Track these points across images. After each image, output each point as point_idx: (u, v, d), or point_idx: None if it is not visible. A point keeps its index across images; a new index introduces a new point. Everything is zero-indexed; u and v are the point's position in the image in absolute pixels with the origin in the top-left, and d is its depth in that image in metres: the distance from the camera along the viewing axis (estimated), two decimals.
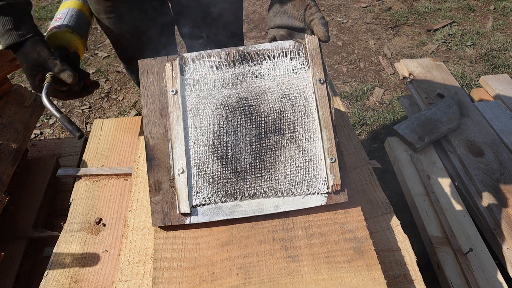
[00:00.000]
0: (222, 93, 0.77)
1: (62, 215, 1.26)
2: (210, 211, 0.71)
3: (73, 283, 0.76)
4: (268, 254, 0.68)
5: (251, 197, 0.72)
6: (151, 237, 0.77)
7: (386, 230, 0.79)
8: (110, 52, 2.78)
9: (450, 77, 1.74)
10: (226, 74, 0.78)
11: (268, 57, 0.78)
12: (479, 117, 1.54)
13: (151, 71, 0.79)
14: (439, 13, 3.01)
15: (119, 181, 0.95)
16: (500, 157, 1.38)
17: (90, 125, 2.22)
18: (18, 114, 1.20)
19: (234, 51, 0.78)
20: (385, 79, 2.49)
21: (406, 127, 1.47)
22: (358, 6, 3.15)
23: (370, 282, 0.64)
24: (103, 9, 1.08)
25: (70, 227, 0.86)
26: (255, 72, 0.78)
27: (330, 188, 0.72)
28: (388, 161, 1.86)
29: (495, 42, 2.70)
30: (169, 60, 0.78)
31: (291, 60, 0.78)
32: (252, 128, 0.75)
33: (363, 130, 2.17)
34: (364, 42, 2.79)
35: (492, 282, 1.07)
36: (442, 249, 1.15)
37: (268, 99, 0.76)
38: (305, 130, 0.75)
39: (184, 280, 0.66)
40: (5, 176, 1.05)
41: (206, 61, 0.78)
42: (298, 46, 0.78)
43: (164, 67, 0.78)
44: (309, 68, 0.77)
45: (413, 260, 0.74)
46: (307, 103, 0.76)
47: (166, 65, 0.78)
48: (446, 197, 1.29)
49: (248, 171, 0.73)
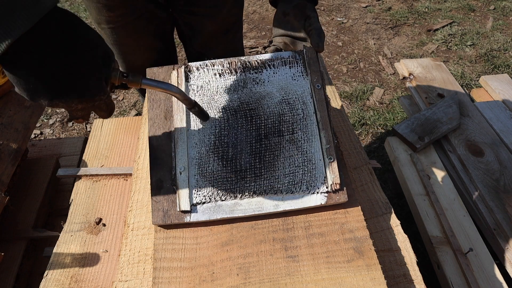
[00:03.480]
0: (224, 98, 0.80)
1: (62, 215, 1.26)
2: (210, 209, 0.72)
3: (73, 283, 0.76)
4: (268, 254, 0.68)
5: (251, 196, 0.72)
6: (151, 237, 0.77)
7: (386, 230, 0.79)
8: None
9: (450, 77, 1.75)
10: (228, 81, 0.82)
11: (268, 65, 0.83)
12: (479, 117, 1.54)
13: (158, 78, 0.83)
14: (439, 13, 3.01)
15: (119, 181, 0.95)
16: (500, 157, 1.38)
17: (90, 125, 2.22)
18: (18, 114, 1.20)
19: (236, 60, 0.83)
20: (385, 79, 2.49)
21: (406, 127, 1.47)
22: (358, 6, 3.15)
23: (370, 282, 0.64)
24: (105, 19, 1.08)
25: (70, 227, 0.86)
26: (255, 79, 0.82)
27: (329, 187, 0.72)
28: (388, 161, 1.86)
29: (495, 42, 2.70)
30: (175, 68, 0.83)
31: (290, 68, 0.82)
32: (252, 130, 0.77)
33: (363, 130, 2.17)
34: (364, 42, 2.79)
35: (492, 282, 1.07)
36: (442, 249, 1.15)
37: (268, 103, 0.79)
38: (304, 132, 0.76)
39: (184, 280, 0.66)
40: (5, 176, 1.05)
41: (209, 69, 0.83)
42: (296, 56, 0.83)
43: (170, 74, 0.83)
44: (307, 75, 0.81)
45: (413, 260, 0.74)
46: (305, 107, 0.79)
47: (172, 72, 0.83)
48: (446, 197, 1.29)
49: (248, 170, 0.74)
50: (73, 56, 0.50)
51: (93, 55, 0.52)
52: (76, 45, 0.50)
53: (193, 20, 1.19)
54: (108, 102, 0.59)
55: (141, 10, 1.09)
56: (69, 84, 0.50)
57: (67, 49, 0.49)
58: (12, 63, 0.47)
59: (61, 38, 0.48)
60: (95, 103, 0.55)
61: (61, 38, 0.48)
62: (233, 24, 1.25)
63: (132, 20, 1.10)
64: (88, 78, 0.52)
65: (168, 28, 1.25)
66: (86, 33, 0.52)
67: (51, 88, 0.49)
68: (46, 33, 0.46)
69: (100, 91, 0.54)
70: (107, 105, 0.59)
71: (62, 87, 0.50)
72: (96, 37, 0.54)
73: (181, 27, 1.24)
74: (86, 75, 0.52)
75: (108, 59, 0.57)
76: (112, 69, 0.58)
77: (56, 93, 0.50)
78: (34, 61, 0.47)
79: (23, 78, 0.48)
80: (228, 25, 1.23)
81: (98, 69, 0.53)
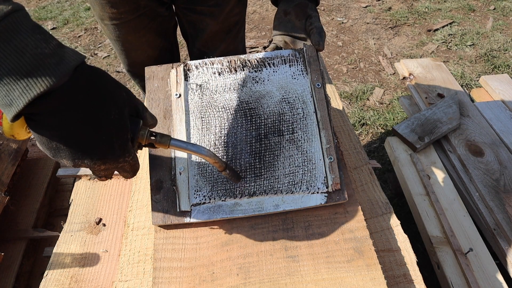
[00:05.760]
0: (223, 97, 0.80)
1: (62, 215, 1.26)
2: (210, 209, 0.72)
3: (73, 283, 0.76)
4: (268, 254, 0.68)
5: (251, 196, 0.72)
6: (151, 237, 0.77)
7: (386, 230, 0.79)
8: (110, 52, 2.79)
9: (450, 77, 1.74)
10: (228, 80, 0.81)
11: (268, 64, 0.82)
12: (479, 117, 1.54)
13: (157, 77, 0.83)
14: (439, 13, 3.01)
15: (119, 181, 0.95)
16: (500, 157, 1.38)
17: None
18: None
19: (236, 59, 0.82)
20: (385, 79, 2.49)
21: (406, 127, 1.47)
22: (358, 6, 3.15)
23: (370, 282, 0.64)
24: (108, 16, 1.08)
25: (70, 227, 0.86)
26: (255, 78, 0.81)
27: (329, 187, 0.72)
28: (388, 161, 1.86)
29: (495, 42, 2.70)
30: (174, 67, 0.82)
31: (290, 67, 0.82)
32: (252, 130, 0.77)
33: (363, 130, 2.17)
34: (364, 42, 2.79)
35: (492, 282, 1.07)
36: (442, 249, 1.15)
37: (267, 103, 0.79)
38: (304, 131, 0.76)
39: (184, 280, 0.66)
40: (5, 176, 1.05)
41: (209, 68, 0.82)
42: (296, 54, 0.82)
43: (169, 73, 0.82)
44: (307, 74, 0.81)
45: (413, 260, 0.74)
46: (305, 106, 0.78)
47: (171, 71, 0.82)
48: (446, 197, 1.29)
49: (248, 170, 0.74)
50: (98, 117, 0.47)
51: (121, 115, 0.50)
52: (103, 105, 0.48)
53: (195, 19, 1.19)
54: (133, 163, 0.55)
55: (144, 7, 1.09)
56: (92, 147, 0.48)
57: (92, 109, 0.47)
58: (36, 122, 0.46)
59: (86, 98, 0.47)
60: (119, 164, 0.53)
61: (86, 97, 0.47)
62: (235, 23, 1.25)
63: (135, 17, 1.10)
64: (113, 140, 0.49)
65: (171, 26, 1.25)
66: (114, 90, 0.50)
67: (73, 149, 0.48)
68: (69, 93, 0.45)
69: (125, 153, 0.52)
70: (131, 166, 0.55)
71: (85, 150, 0.48)
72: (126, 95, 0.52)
73: (184, 26, 1.25)
74: (111, 137, 0.49)
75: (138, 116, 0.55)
76: (140, 128, 0.55)
77: (78, 155, 0.48)
78: (57, 122, 0.45)
79: (46, 138, 0.47)
80: (231, 25, 1.24)
81: (125, 130, 0.51)
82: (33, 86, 0.42)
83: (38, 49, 0.42)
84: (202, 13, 1.16)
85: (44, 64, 0.42)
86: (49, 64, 0.43)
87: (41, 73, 0.42)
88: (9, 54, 0.41)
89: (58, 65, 0.43)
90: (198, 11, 1.16)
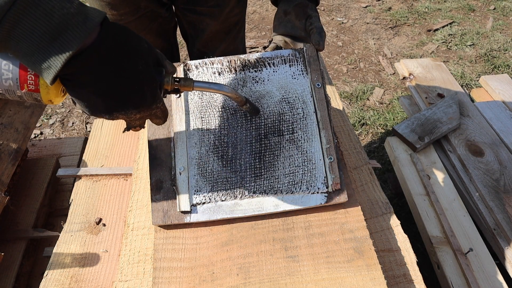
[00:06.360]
0: (223, 97, 0.79)
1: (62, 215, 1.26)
2: (210, 209, 0.72)
3: (73, 283, 0.76)
4: (268, 254, 0.68)
5: (251, 196, 0.72)
6: (151, 237, 0.77)
7: (386, 230, 0.79)
8: None
9: (450, 77, 1.75)
10: (228, 80, 0.81)
11: (268, 64, 0.82)
12: (479, 117, 1.54)
13: None
14: (439, 13, 3.01)
15: (119, 181, 0.95)
16: (500, 157, 1.38)
17: (90, 125, 2.22)
18: (18, 114, 1.20)
19: (236, 58, 0.82)
20: (385, 79, 2.49)
21: (406, 127, 1.47)
22: (358, 6, 3.15)
23: (370, 282, 0.64)
24: (109, 18, 1.08)
25: (70, 227, 0.86)
26: (255, 78, 0.81)
27: (329, 187, 0.72)
28: (388, 161, 1.86)
29: (495, 42, 2.70)
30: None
31: (290, 67, 0.81)
32: (252, 130, 0.77)
33: (363, 130, 2.17)
34: (364, 42, 2.79)
35: (492, 282, 1.07)
36: (442, 249, 1.15)
37: (267, 102, 0.79)
38: (304, 131, 0.76)
39: (184, 280, 0.66)
40: (5, 176, 1.05)
41: (209, 68, 0.82)
42: (296, 54, 0.82)
43: None
44: (307, 74, 0.80)
45: (413, 260, 0.74)
46: (305, 106, 0.78)
47: None
48: (446, 197, 1.29)
49: (248, 170, 0.74)
50: (128, 69, 0.50)
51: (147, 65, 0.53)
52: (130, 58, 0.50)
53: (195, 19, 1.19)
54: (163, 109, 0.59)
55: (144, 9, 1.09)
56: (126, 97, 0.51)
57: (121, 62, 0.49)
58: (72, 82, 0.48)
59: (115, 53, 0.49)
60: (152, 111, 0.56)
61: (115, 52, 0.49)
62: (235, 24, 1.25)
63: (135, 19, 1.10)
64: (144, 89, 0.53)
65: (171, 27, 1.25)
66: (137, 43, 0.52)
67: (110, 103, 0.51)
68: (100, 49, 0.47)
69: (156, 100, 0.55)
70: (162, 112, 0.59)
71: (120, 101, 0.51)
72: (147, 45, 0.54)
73: (184, 26, 1.25)
74: (142, 86, 0.52)
75: (160, 65, 0.58)
76: (164, 75, 0.58)
77: (115, 107, 0.51)
78: (92, 78, 0.48)
79: (83, 95, 0.49)
80: (231, 25, 1.24)
81: (152, 78, 0.54)
82: (67, 45, 0.44)
83: (64, 10, 0.43)
84: (202, 13, 1.16)
85: (72, 23, 0.44)
86: (76, 22, 0.44)
87: (71, 32, 0.44)
88: (39, 18, 0.42)
89: (84, 23, 0.45)
90: (198, 12, 1.16)
